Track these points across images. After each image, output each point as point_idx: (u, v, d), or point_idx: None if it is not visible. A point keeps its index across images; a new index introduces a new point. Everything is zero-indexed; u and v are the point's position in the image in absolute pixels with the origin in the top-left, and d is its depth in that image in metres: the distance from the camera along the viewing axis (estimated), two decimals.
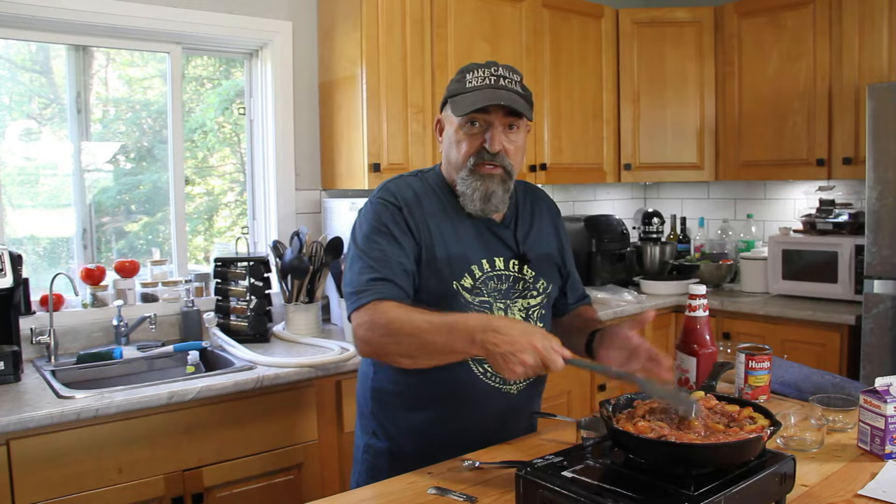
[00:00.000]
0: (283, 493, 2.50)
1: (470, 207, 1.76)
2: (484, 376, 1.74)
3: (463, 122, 1.73)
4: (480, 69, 1.74)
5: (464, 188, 1.75)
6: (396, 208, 1.74)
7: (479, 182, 1.73)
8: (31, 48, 2.99)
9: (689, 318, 1.94)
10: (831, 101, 3.66)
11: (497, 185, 1.74)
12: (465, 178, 1.75)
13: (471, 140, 1.74)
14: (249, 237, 3.42)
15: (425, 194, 1.80)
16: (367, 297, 1.64)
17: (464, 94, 1.72)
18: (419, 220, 1.74)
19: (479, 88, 1.71)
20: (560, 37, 3.86)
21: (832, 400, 1.83)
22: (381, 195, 1.79)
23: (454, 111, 1.74)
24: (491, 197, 1.74)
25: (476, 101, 1.69)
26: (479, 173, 1.73)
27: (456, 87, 1.76)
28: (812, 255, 3.72)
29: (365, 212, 1.79)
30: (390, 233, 1.71)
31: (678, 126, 4.19)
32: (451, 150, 1.78)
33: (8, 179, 2.92)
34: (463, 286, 1.74)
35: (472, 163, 1.73)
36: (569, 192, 4.56)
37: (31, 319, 2.71)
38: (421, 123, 3.27)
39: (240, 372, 2.46)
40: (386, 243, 1.70)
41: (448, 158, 1.80)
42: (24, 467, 2.05)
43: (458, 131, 1.75)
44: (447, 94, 1.79)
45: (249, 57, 3.40)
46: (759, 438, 1.26)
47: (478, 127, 1.73)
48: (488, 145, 1.72)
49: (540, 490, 1.27)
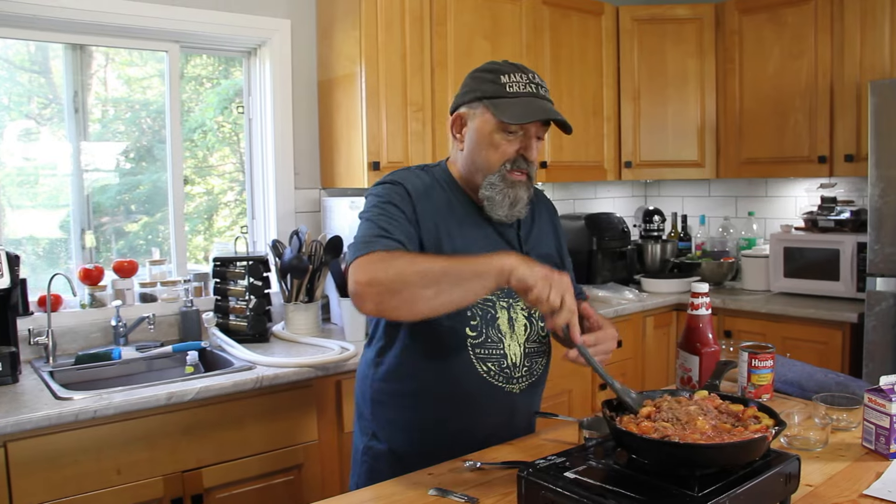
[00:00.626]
0: (283, 493, 2.49)
1: (498, 213, 1.75)
2: (487, 375, 1.73)
3: (502, 126, 1.69)
4: (517, 73, 1.71)
5: (492, 193, 1.72)
6: (406, 192, 1.72)
7: (510, 189, 1.72)
8: (30, 48, 2.98)
9: (692, 317, 1.93)
10: (833, 98, 3.64)
11: (524, 192, 1.74)
12: (495, 184, 1.72)
13: (508, 146, 1.71)
14: (248, 236, 3.40)
15: (433, 188, 1.77)
16: (373, 246, 1.57)
17: (507, 99, 1.69)
18: (426, 212, 1.72)
19: (522, 95, 1.69)
20: (560, 34, 3.84)
21: (836, 399, 1.81)
22: (392, 178, 1.76)
23: (500, 115, 1.68)
24: (517, 203, 1.74)
25: (529, 112, 1.67)
26: (511, 179, 1.72)
27: (493, 88, 1.70)
28: (814, 252, 3.70)
29: (374, 190, 1.76)
30: (399, 207, 1.68)
31: (679, 123, 4.17)
32: (482, 152, 1.73)
33: (7, 180, 2.91)
34: None
35: (508, 169, 1.71)
36: (569, 190, 4.55)
37: (30, 320, 2.70)
38: (420, 122, 3.25)
39: (239, 372, 2.45)
40: (395, 212, 1.67)
41: (473, 159, 1.75)
42: (21, 469, 2.03)
43: (494, 135, 1.70)
44: (482, 93, 1.72)
45: (248, 55, 3.38)
46: (764, 438, 1.24)
47: (516, 134, 1.70)
48: (527, 154, 1.71)
49: (542, 491, 1.26)
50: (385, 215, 1.66)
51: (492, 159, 1.72)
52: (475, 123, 1.74)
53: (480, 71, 1.76)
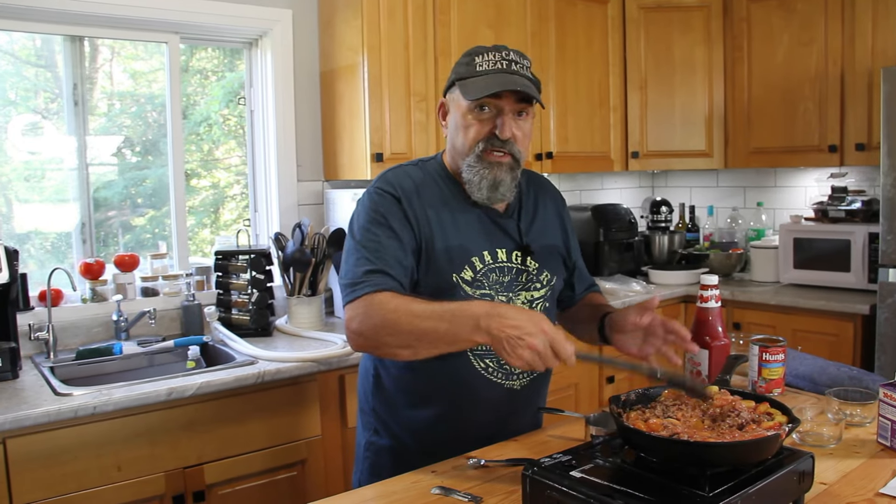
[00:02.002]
0: (286, 489, 2.46)
1: (477, 196, 1.70)
2: (486, 372, 1.69)
3: (472, 106, 1.66)
4: (491, 52, 1.67)
5: (470, 175, 1.68)
6: (395, 199, 1.68)
7: (487, 170, 1.67)
8: (36, 43, 2.95)
9: (701, 310, 1.88)
10: (843, 86, 3.58)
11: (505, 173, 1.68)
12: (472, 165, 1.68)
13: (480, 125, 1.67)
14: (251, 229, 3.37)
15: (425, 184, 1.73)
16: (361, 290, 1.58)
17: (475, 78, 1.65)
18: (418, 211, 1.68)
19: (491, 73, 1.65)
20: (565, 23, 3.79)
21: (849, 393, 1.77)
22: (379, 185, 1.73)
23: (464, 94, 1.65)
24: (499, 185, 1.68)
25: (489, 85, 1.63)
26: (488, 160, 1.67)
27: (465, 69, 1.68)
28: (824, 243, 3.65)
29: (362, 202, 1.73)
30: (388, 224, 1.65)
31: (686, 113, 4.12)
32: (458, 135, 1.70)
33: (14, 174, 2.89)
34: (463, 279, 1.68)
35: (481, 149, 1.67)
36: (575, 180, 4.50)
37: (30, 315, 2.67)
38: (424, 112, 3.21)
39: (240, 367, 2.42)
40: (383, 235, 1.64)
41: (454, 144, 1.73)
42: (21, 466, 2.01)
43: (467, 116, 1.68)
44: (454, 76, 1.71)
45: (249, 46, 3.34)
46: (777, 436, 1.20)
47: (487, 112, 1.66)
48: (499, 132, 1.66)
49: (547, 490, 1.22)
50: (373, 240, 1.64)
51: (466, 140, 1.68)
52: (453, 108, 1.72)
53: (462, 56, 1.73)
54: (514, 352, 1.38)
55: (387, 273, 1.59)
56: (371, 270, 1.59)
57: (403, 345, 1.53)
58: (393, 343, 1.53)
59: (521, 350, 1.37)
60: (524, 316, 1.41)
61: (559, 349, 1.38)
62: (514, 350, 1.38)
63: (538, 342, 1.36)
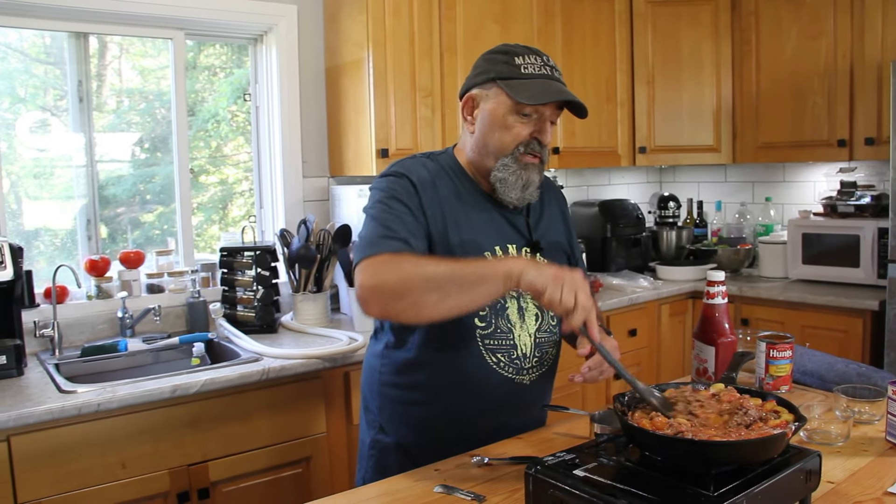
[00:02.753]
0: (290, 486, 2.46)
1: (510, 196, 1.71)
2: (497, 366, 1.69)
3: (516, 108, 1.65)
4: (531, 55, 1.67)
5: (506, 175, 1.68)
6: (411, 184, 1.67)
7: (523, 171, 1.69)
8: (46, 40, 2.95)
9: (708, 306, 1.87)
10: (853, 80, 3.54)
11: (536, 175, 1.72)
12: (508, 165, 1.68)
13: (522, 128, 1.67)
14: (257, 226, 3.37)
15: (439, 177, 1.73)
16: (378, 248, 1.54)
17: (523, 80, 1.64)
18: (432, 202, 1.67)
19: (538, 77, 1.65)
20: (572, 18, 3.76)
21: (858, 390, 1.75)
22: (396, 169, 1.72)
23: (515, 96, 1.63)
24: (529, 186, 1.71)
25: (544, 93, 1.63)
26: (524, 162, 1.69)
27: (507, 69, 1.66)
28: (833, 238, 3.62)
29: (378, 184, 1.71)
30: (403, 201, 1.64)
31: (694, 108, 4.09)
32: (495, 134, 1.68)
33: (24, 172, 2.90)
34: None
35: (521, 151, 1.68)
36: (583, 176, 4.48)
37: (35, 312, 2.67)
38: (430, 107, 3.19)
39: (245, 364, 2.41)
40: (400, 210, 1.63)
41: (486, 141, 1.70)
42: (25, 463, 2.01)
43: (508, 116, 1.66)
44: (496, 74, 1.67)
45: (254, 42, 3.33)
46: (784, 435, 1.18)
47: (530, 116, 1.66)
48: (541, 137, 1.68)
49: (550, 490, 1.21)
50: (390, 212, 1.62)
51: (505, 141, 1.68)
52: (488, 105, 1.69)
53: (493, 52, 1.72)
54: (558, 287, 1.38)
55: (406, 241, 1.57)
56: (389, 236, 1.57)
57: (429, 289, 1.44)
58: (419, 287, 1.45)
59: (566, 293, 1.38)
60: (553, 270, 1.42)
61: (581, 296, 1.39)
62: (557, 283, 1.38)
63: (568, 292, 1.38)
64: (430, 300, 1.45)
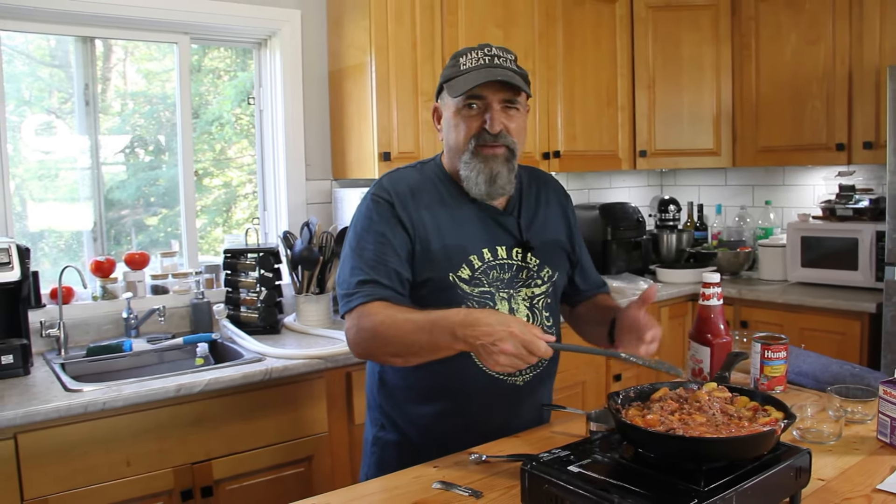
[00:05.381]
0: (293, 485, 2.48)
1: (475, 191, 1.73)
2: (487, 368, 1.71)
3: (461, 104, 1.70)
4: (473, 51, 1.72)
5: (467, 172, 1.72)
6: (388, 204, 1.72)
7: (483, 164, 1.70)
8: (51, 43, 2.99)
9: (703, 307, 1.90)
10: (851, 84, 3.57)
11: (501, 166, 1.71)
12: (467, 162, 1.71)
13: (469, 122, 1.70)
14: (260, 228, 3.40)
15: (422, 186, 1.77)
16: (355, 301, 1.65)
17: (458, 77, 1.70)
18: (413, 214, 1.71)
19: (474, 69, 1.69)
20: (573, 22, 3.80)
21: (851, 390, 1.78)
22: (374, 191, 1.77)
23: (450, 93, 1.71)
24: (496, 178, 1.71)
25: (471, 80, 1.67)
26: (483, 155, 1.70)
27: (450, 71, 1.73)
28: (832, 241, 3.65)
29: (359, 209, 1.77)
30: (381, 232, 1.69)
31: (694, 111, 4.12)
32: (450, 135, 1.75)
33: (29, 174, 2.93)
34: (460, 277, 1.70)
35: (474, 145, 1.70)
36: (583, 179, 4.51)
37: (41, 312, 2.71)
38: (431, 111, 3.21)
39: (248, 364, 2.44)
40: (376, 242, 1.69)
41: (448, 144, 1.77)
42: (32, 461, 2.04)
43: (456, 115, 1.72)
44: (441, 79, 1.77)
45: (258, 46, 3.37)
46: (773, 432, 1.21)
47: (476, 109, 1.70)
48: (488, 126, 1.69)
49: (546, 485, 1.24)
50: (367, 247, 1.69)
51: (459, 139, 1.72)
52: (444, 110, 1.77)
53: (449, 59, 1.78)
54: (491, 357, 1.41)
55: (378, 282, 1.65)
56: (363, 281, 1.66)
57: (393, 354, 1.61)
58: (384, 353, 1.63)
59: (496, 356, 1.40)
60: (494, 319, 1.43)
61: (532, 348, 1.40)
62: (489, 356, 1.41)
63: (509, 346, 1.39)
64: (397, 361, 1.64)
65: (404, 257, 1.69)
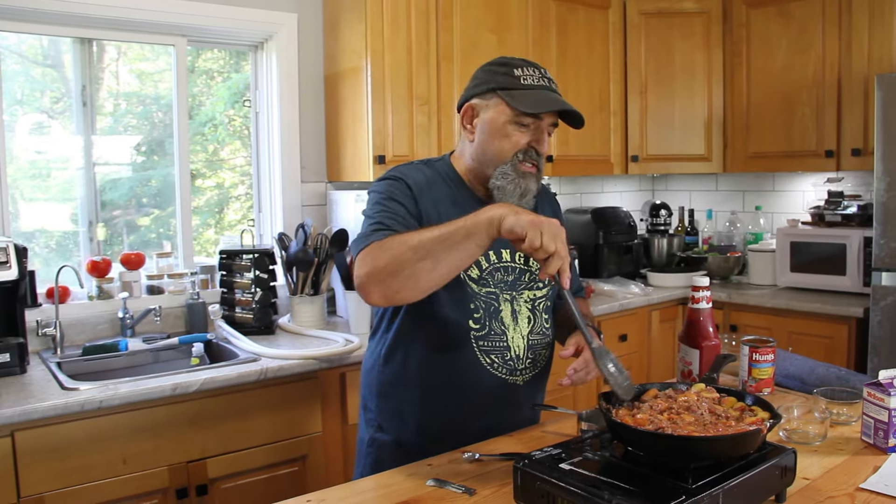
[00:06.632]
0: (287, 484, 2.51)
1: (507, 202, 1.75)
2: (491, 367, 1.74)
3: (516, 117, 1.71)
4: (529, 67, 1.73)
5: (504, 182, 1.73)
6: (407, 187, 1.73)
7: (521, 179, 1.73)
8: (43, 42, 3.00)
9: (693, 310, 1.94)
10: (840, 92, 3.62)
11: (533, 184, 1.75)
12: (506, 173, 1.73)
13: (520, 136, 1.72)
14: (255, 229, 3.42)
15: (435, 182, 1.79)
16: (369, 240, 1.59)
17: (523, 91, 1.70)
18: (428, 206, 1.73)
19: (537, 88, 1.71)
20: (567, 28, 3.84)
21: (836, 393, 1.82)
22: (392, 173, 1.78)
23: (515, 105, 1.69)
24: (527, 194, 1.75)
25: (543, 102, 1.69)
26: (522, 170, 1.73)
27: (507, 80, 1.72)
28: (820, 247, 3.69)
29: (376, 187, 1.77)
30: (400, 202, 1.70)
31: (686, 117, 4.16)
32: (494, 142, 1.74)
33: (20, 173, 2.93)
34: (469, 276, 1.73)
35: (519, 159, 1.72)
36: (576, 183, 4.54)
37: (38, 312, 2.72)
38: (426, 115, 3.26)
39: (243, 364, 2.47)
40: (395, 206, 1.69)
41: (484, 149, 1.75)
42: (28, 458, 2.06)
43: (508, 125, 1.72)
44: (496, 84, 1.73)
45: (255, 49, 3.39)
46: (758, 431, 1.25)
47: (528, 126, 1.72)
48: (539, 146, 1.73)
49: (538, 482, 1.27)
50: (385, 211, 1.68)
51: (504, 149, 1.73)
52: (488, 114, 1.74)
53: (493, 65, 1.78)
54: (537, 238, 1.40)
55: (395, 230, 1.62)
56: (379, 229, 1.63)
57: (420, 257, 1.48)
58: (410, 258, 1.49)
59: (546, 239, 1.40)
60: None
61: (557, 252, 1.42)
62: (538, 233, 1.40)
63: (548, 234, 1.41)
64: (425, 268, 1.49)
65: None
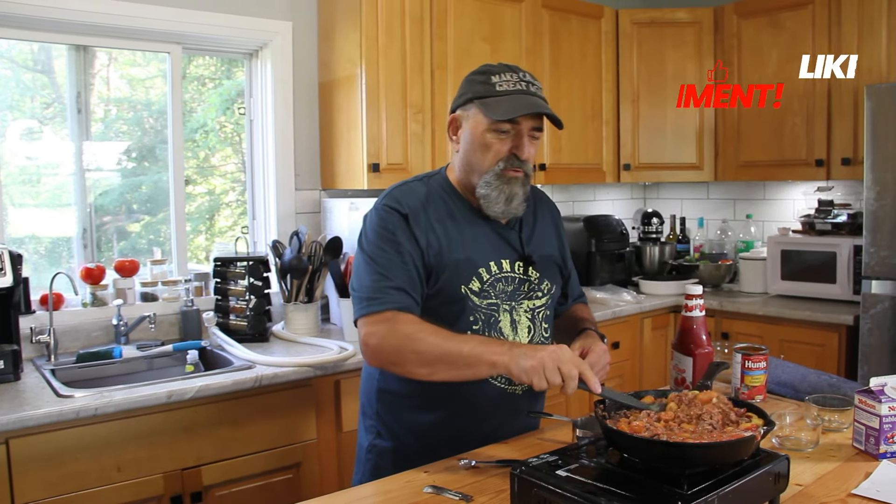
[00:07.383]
0: (281, 491, 2.51)
1: (493, 211, 1.77)
2: (490, 377, 1.75)
3: (492, 125, 1.71)
4: (507, 73, 1.73)
5: (488, 191, 1.74)
6: (402, 217, 1.73)
7: (505, 185, 1.74)
8: (34, 48, 2.99)
9: (686, 318, 1.95)
10: (830, 102, 3.66)
11: (519, 188, 1.76)
12: (490, 182, 1.74)
13: (500, 144, 1.72)
14: (249, 237, 3.42)
15: (431, 200, 1.79)
16: (380, 305, 1.64)
17: (497, 98, 1.70)
18: (425, 228, 1.74)
19: (512, 93, 1.70)
20: (560, 37, 3.86)
21: (828, 400, 1.84)
22: (386, 202, 1.78)
23: (488, 114, 1.70)
24: (513, 199, 1.76)
25: (516, 107, 1.69)
26: (506, 177, 1.74)
27: (484, 88, 1.73)
28: (811, 255, 3.73)
29: (371, 219, 1.78)
30: (397, 240, 1.71)
31: (678, 126, 4.19)
32: (475, 154, 1.75)
33: (10, 179, 2.92)
34: (471, 290, 1.74)
35: (501, 167, 1.73)
36: (568, 192, 4.57)
37: (32, 319, 2.71)
38: (420, 123, 3.27)
39: (238, 371, 2.47)
40: (393, 252, 1.70)
41: (468, 160, 1.77)
42: (23, 466, 2.05)
43: (486, 134, 1.72)
44: (473, 94, 1.74)
45: (249, 57, 3.40)
46: (753, 438, 1.26)
47: (507, 132, 1.72)
48: (519, 152, 1.73)
49: (534, 489, 1.28)
50: (386, 254, 1.70)
51: (486, 159, 1.74)
52: (469, 125, 1.76)
53: (474, 73, 1.78)
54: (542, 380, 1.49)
55: (403, 290, 1.66)
56: (390, 287, 1.66)
57: (421, 364, 1.61)
58: (412, 360, 1.61)
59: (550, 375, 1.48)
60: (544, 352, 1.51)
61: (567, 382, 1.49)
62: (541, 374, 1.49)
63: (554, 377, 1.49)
64: (421, 372, 1.62)
65: (418, 269, 1.71)
